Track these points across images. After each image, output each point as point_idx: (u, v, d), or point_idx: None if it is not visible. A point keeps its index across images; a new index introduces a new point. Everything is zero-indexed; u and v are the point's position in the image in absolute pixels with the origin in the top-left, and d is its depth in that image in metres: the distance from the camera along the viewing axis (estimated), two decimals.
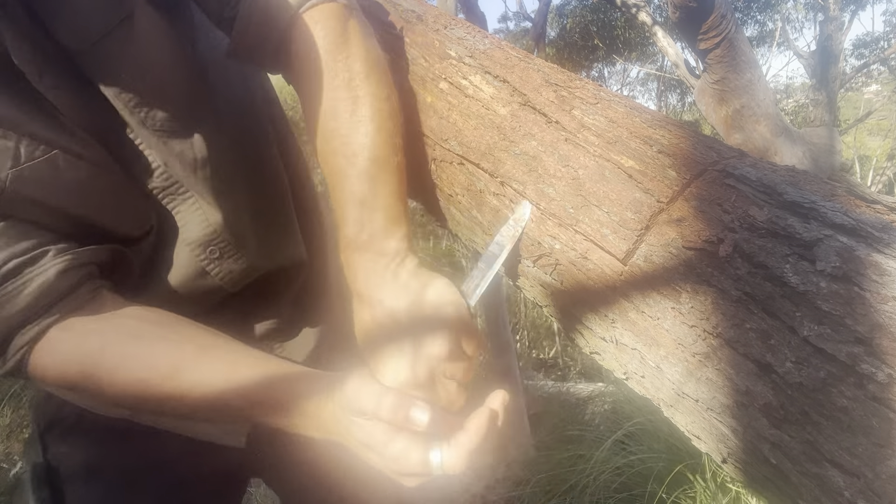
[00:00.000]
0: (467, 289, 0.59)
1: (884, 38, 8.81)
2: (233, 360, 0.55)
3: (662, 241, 0.53)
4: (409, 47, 0.75)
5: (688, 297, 0.50)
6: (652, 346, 0.53)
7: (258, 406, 0.53)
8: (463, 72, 0.70)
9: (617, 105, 0.63)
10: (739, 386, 0.46)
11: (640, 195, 0.55)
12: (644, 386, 0.57)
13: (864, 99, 10.86)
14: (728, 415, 0.48)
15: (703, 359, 0.49)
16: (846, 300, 0.42)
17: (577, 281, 0.58)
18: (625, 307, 0.54)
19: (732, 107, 2.18)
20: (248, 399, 0.52)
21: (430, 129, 0.70)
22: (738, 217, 0.50)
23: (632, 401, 2.50)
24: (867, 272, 0.42)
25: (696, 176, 0.54)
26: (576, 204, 0.58)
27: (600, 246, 0.56)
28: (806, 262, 0.45)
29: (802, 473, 0.43)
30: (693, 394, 0.50)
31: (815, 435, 0.42)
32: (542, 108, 0.64)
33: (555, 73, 0.68)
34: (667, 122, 0.61)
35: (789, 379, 0.43)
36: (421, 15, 0.78)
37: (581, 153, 0.59)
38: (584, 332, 0.60)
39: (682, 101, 10.47)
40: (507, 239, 0.61)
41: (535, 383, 3.60)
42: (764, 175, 0.52)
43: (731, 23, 2.03)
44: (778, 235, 0.47)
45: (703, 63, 2.19)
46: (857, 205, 0.48)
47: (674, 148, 0.57)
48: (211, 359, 0.54)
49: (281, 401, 0.52)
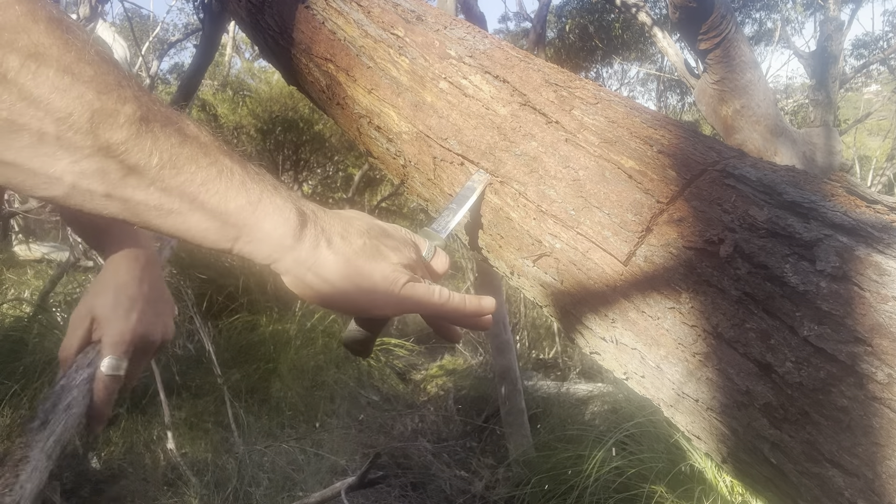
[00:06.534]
0: (438, 226, 0.61)
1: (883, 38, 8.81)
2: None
3: (663, 241, 0.53)
4: (409, 47, 0.75)
5: (688, 297, 0.50)
6: (652, 345, 0.53)
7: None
8: (463, 71, 0.70)
9: (617, 105, 0.63)
10: (739, 386, 0.46)
11: (641, 196, 0.55)
12: (644, 386, 0.57)
13: (864, 99, 10.86)
14: (728, 415, 0.48)
15: (704, 359, 0.49)
16: (846, 300, 0.42)
17: (578, 281, 0.58)
18: (625, 307, 0.54)
19: (732, 107, 2.18)
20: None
21: (429, 128, 0.70)
22: (738, 217, 0.50)
23: (632, 401, 2.51)
24: (867, 272, 0.42)
25: (696, 176, 0.54)
26: (577, 206, 0.58)
27: (601, 247, 0.56)
28: (806, 262, 0.45)
29: (802, 473, 0.43)
30: (693, 394, 0.50)
31: (815, 435, 0.42)
32: (542, 108, 0.64)
33: (555, 73, 0.69)
34: (667, 122, 0.61)
35: (789, 379, 0.43)
36: (421, 15, 0.78)
37: (581, 153, 0.59)
38: (584, 332, 0.61)
39: (682, 101, 10.47)
40: (479, 182, 0.64)
41: (535, 383, 3.60)
42: (764, 175, 0.52)
43: (731, 23, 2.03)
44: (778, 235, 0.47)
45: (703, 63, 2.19)
46: (857, 205, 0.48)
47: (674, 148, 0.57)
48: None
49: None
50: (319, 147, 6.39)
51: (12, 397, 2.43)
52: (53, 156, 0.37)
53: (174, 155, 0.40)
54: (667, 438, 2.09)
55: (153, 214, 0.41)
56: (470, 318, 0.56)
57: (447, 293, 0.53)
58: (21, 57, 0.35)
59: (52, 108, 0.36)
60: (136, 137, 0.38)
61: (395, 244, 0.52)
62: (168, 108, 0.42)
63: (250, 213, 0.44)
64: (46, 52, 0.36)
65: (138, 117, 0.39)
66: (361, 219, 0.53)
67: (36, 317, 3.05)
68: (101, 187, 0.39)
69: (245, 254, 0.45)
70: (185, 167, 0.41)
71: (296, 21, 0.86)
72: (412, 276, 0.51)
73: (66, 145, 0.37)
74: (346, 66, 0.79)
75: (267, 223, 0.44)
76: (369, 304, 0.50)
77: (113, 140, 0.38)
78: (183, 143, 0.41)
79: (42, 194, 0.38)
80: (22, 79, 0.35)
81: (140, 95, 0.40)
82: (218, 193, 0.42)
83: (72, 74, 0.37)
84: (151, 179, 0.40)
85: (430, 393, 3.87)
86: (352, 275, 0.48)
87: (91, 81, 0.37)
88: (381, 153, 0.80)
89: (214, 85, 7.03)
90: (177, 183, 0.40)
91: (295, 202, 0.47)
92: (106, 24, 3.69)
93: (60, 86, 0.36)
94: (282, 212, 0.45)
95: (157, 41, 9.13)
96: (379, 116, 0.76)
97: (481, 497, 2.51)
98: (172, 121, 0.41)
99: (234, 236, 0.44)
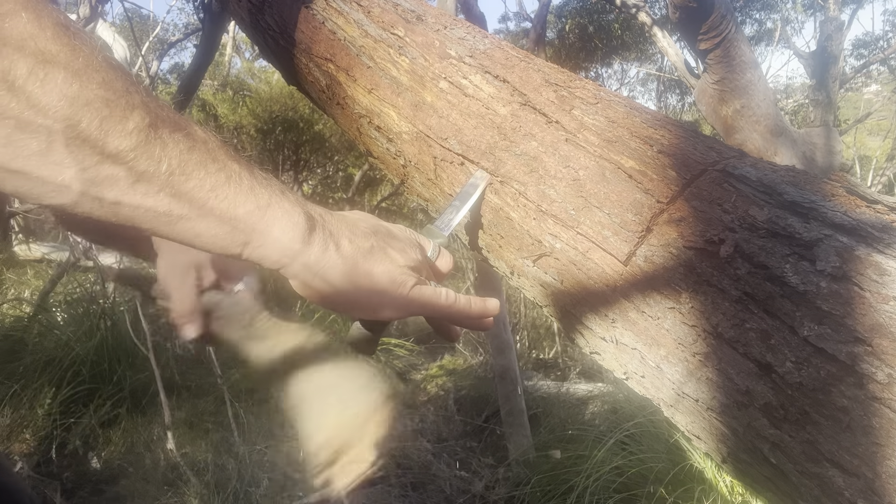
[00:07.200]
0: (441, 223, 0.61)
1: (883, 37, 8.81)
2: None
3: (663, 241, 0.53)
4: (409, 47, 0.75)
5: (688, 297, 0.50)
6: (652, 345, 0.53)
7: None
8: (463, 71, 0.70)
9: (617, 105, 0.63)
10: (739, 386, 0.46)
11: (641, 196, 0.55)
12: (644, 386, 0.57)
13: (864, 99, 10.87)
14: (728, 415, 0.48)
15: (704, 359, 0.49)
16: (846, 300, 0.42)
17: (578, 281, 0.58)
18: (625, 307, 0.54)
19: (732, 107, 2.18)
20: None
21: (429, 127, 0.70)
22: (738, 217, 0.50)
23: (632, 401, 2.50)
24: (867, 272, 0.42)
25: (696, 176, 0.54)
26: (577, 206, 0.58)
27: (602, 247, 0.56)
28: (806, 262, 0.45)
29: (802, 473, 0.43)
30: (693, 394, 0.50)
31: (815, 435, 0.42)
32: (542, 107, 0.64)
33: (555, 72, 0.69)
34: (667, 122, 0.61)
35: (789, 379, 0.43)
36: (421, 15, 0.78)
37: (581, 153, 0.59)
38: (584, 332, 0.60)
39: (682, 101, 10.47)
40: (480, 181, 0.64)
41: (535, 383, 3.60)
42: (764, 175, 0.52)
43: (731, 23, 2.03)
44: (778, 235, 0.47)
45: (703, 63, 2.19)
46: (857, 205, 0.48)
47: (674, 148, 0.57)
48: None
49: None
50: (319, 147, 6.39)
51: (12, 397, 2.43)
52: (62, 164, 0.36)
53: (183, 161, 0.40)
54: (667, 438, 2.09)
55: (162, 221, 0.41)
56: (474, 320, 0.56)
57: (453, 295, 0.53)
58: (29, 64, 0.35)
59: (60, 117, 0.35)
60: (145, 144, 0.38)
61: (402, 246, 0.52)
62: (175, 114, 0.42)
63: (259, 218, 0.44)
64: (54, 59, 0.36)
65: (147, 124, 0.39)
66: (367, 220, 0.53)
67: (36, 317, 3.05)
68: (110, 195, 0.39)
69: (254, 259, 0.45)
70: (194, 173, 0.41)
71: (296, 21, 0.86)
72: (419, 279, 0.51)
73: (75, 153, 0.36)
74: (346, 65, 0.79)
75: (276, 228, 0.44)
76: (377, 307, 0.50)
77: (122, 147, 0.37)
78: (192, 149, 0.41)
79: (51, 202, 0.38)
80: (30, 87, 0.35)
81: (148, 101, 0.39)
82: (227, 199, 0.42)
83: (80, 81, 0.36)
84: (161, 186, 0.39)
85: (430, 393, 3.87)
86: (360, 278, 0.48)
87: (99, 88, 0.37)
88: (381, 153, 0.80)
89: (214, 85, 7.03)
90: (186, 189, 0.40)
91: (303, 206, 0.47)
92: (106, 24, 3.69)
93: (69, 93, 0.36)
94: (290, 216, 0.45)
95: (157, 41, 9.13)
96: (379, 116, 0.76)
97: (481, 497, 2.51)
98: (181, 126, 0.41)
99: (244, 241, 0.44)
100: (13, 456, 2.32)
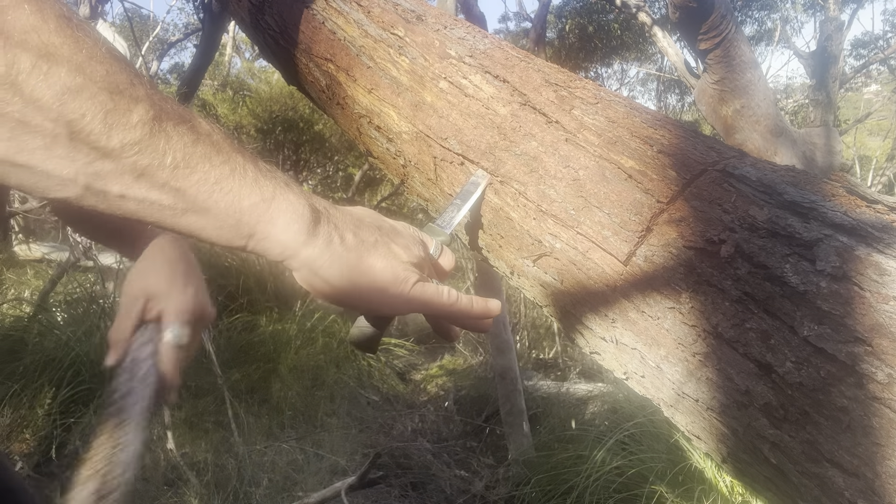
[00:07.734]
0: (443, 221, 0.61)
1: (883, 37, 8.81)
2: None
3: (663, 241, 0.53)
4: (409, 47, 0.75)
5: (688, 297, 0.50)
6: (652, 345, 0.53)
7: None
8: (463, 71, 0.70)
9: (617, 105, 0.63)
10: (739, 386, 0.46)
11: (641, 196, 0.55)
12: (644, 386, 0.57)
13: (864, 99, 10.87)
14: (728, 415, 0.48)
15: (704, 359, 0.49)
16: (846, 300, 0.42)
17: (578, 281, 0.58)
18: (625, 307, 0.54)
19: (732, 107, 2.18)
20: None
21: (429, 127, 0.70)
22: (738, 217, 0.50)
23: (632, 401, 2.50)
24: (867, 272, 0.42)
25: (696, 176, 0.54)
26: (577, 206, 0.58)
27: (602, 247, 0.56)
28: (806, 262, 0.45)
29: (802, 473, 0.43)
30: (693, 394, 0.50)
31: (815, 435, 0.42)
32: (542, 107, 0.64)
33: (555, 72, 0.69)
34: (667, 122, 0.61)
35: (789, 379, 0.43)
36: (421, 15, 0.78)
37: (581, 153, 0.59)
38: (584, 332, 0.60)
39: (681, 101, 10.48)
40: (481, 180, 0.65)
41: (535, 383, 3.60)
42: (764, 175, 0.52)
43: (731, 23, 2.03)
44: (778, 235, 0.47)
45: (703, 63, 2.19)
46: (857, 205, 0.48)
47: (674, 148, 0.57)
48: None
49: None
50: (319, 147, 6.39)
51: (12, 397, 2.43)
52: (67, 157, 0.36)
53: (187, 154, 0.40)
54: (667, 438, 2.09)
55: (167, 214, 0.41)
56: (475, 321, 0.56)
57: (455, 294, 0.53)
58: (32, 58, 0.34)
59: (64, 110, 0.35)
60: (149, 137, 0.38)
61: (405, 242, 0.52)
62: (180, 106, 0.42)
63: (264, 211, 0.44)
64: (57, 51, 0.35)
65: (151, 117, 0.38)
66: (371, 216, 0.53)
67: (36, 317, 3.05)
68: (115, 188, 0.38)
69: (259, 251, 0.45)
70: (198, 166, 0.41)
71: (296, 21, 0.86)
72: (421, 276, 0.51)
73: (80, 147, 0.36)
74: (346, 65, 0.79)
75: (281, 220, 0.44)
76: (379, 302, 0.50)
77: (127, 140, 0.37)
78: (196, 142, 0.41)
79: (55, 196, 0.38)
80: (34, 80, 0.34)
81: (152, 94, 0.39)
82: (232, 191, 0.42)
83: (84, 74, 0.36)
84: (165, 179, 0.39)
85: (430, 393, 3.87)
86: (363, 272, 0.48)
87: (103, 81, 0.37)
88: (381, 153, 0.80)
89: (214, 85, 7.04)
90: (191, 182, 0.40)
91: (308, 199, 0.47)
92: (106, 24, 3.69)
93: (73, 86, 0.35)
94: (295, 208, 0.45)
95: (157, 41, 9.14)
96: (379, 116, 0.76)
97: (481, 497, 2.51)
98: (185, 119, 0.41)
99: (248, 234, 0.44)
100: (13, 456, 2.32)
